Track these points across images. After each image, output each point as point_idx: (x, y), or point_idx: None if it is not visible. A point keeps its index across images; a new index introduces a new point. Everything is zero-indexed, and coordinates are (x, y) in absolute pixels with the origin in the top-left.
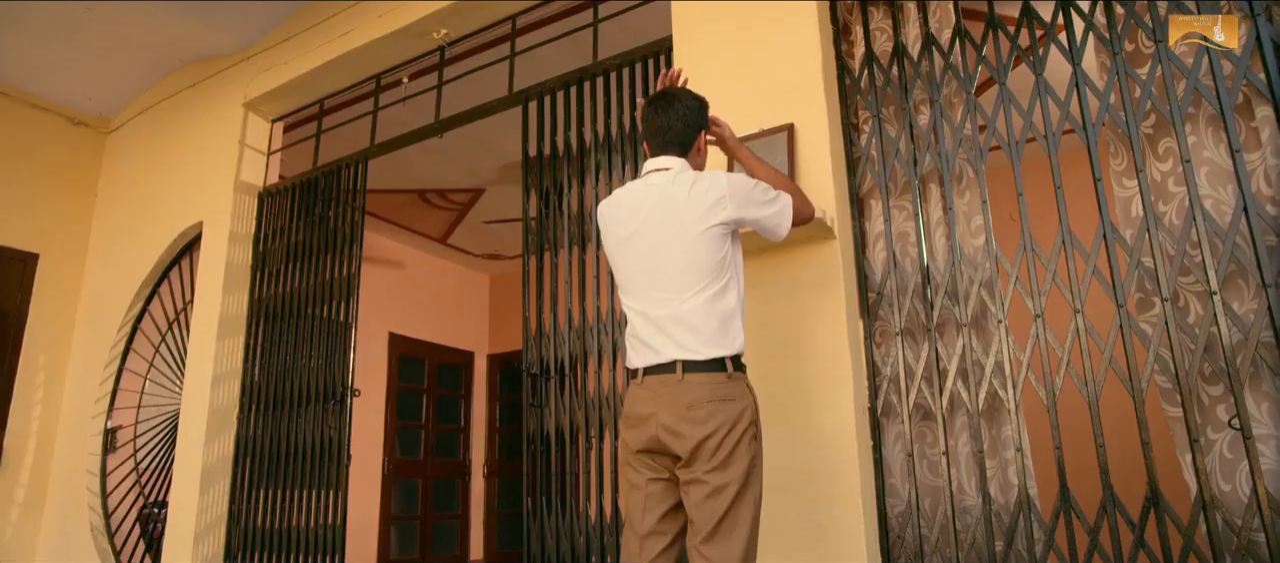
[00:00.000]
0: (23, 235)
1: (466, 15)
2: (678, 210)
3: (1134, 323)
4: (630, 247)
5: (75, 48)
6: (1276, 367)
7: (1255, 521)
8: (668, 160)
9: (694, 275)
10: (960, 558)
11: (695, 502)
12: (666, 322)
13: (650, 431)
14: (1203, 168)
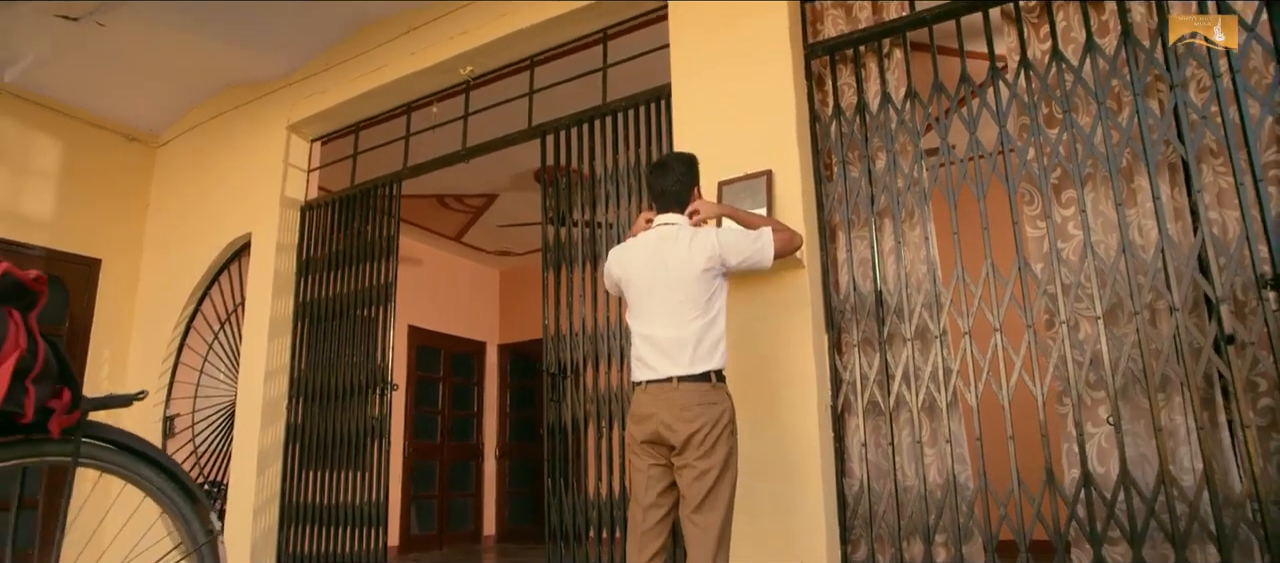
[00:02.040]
0: (87, 242)
1: (490, 55)
2: (680, 259)
3: (1038, 340)
4: (642, 285)
5: (131, 70)
6: (1141, 377)
7: (1121, 495)
8: (673, 217)
9: (690, 309)
10: (902, 528)
11: (687, 481)
12: (667, 344)
13: (652, 426)
14: (1097, 218)
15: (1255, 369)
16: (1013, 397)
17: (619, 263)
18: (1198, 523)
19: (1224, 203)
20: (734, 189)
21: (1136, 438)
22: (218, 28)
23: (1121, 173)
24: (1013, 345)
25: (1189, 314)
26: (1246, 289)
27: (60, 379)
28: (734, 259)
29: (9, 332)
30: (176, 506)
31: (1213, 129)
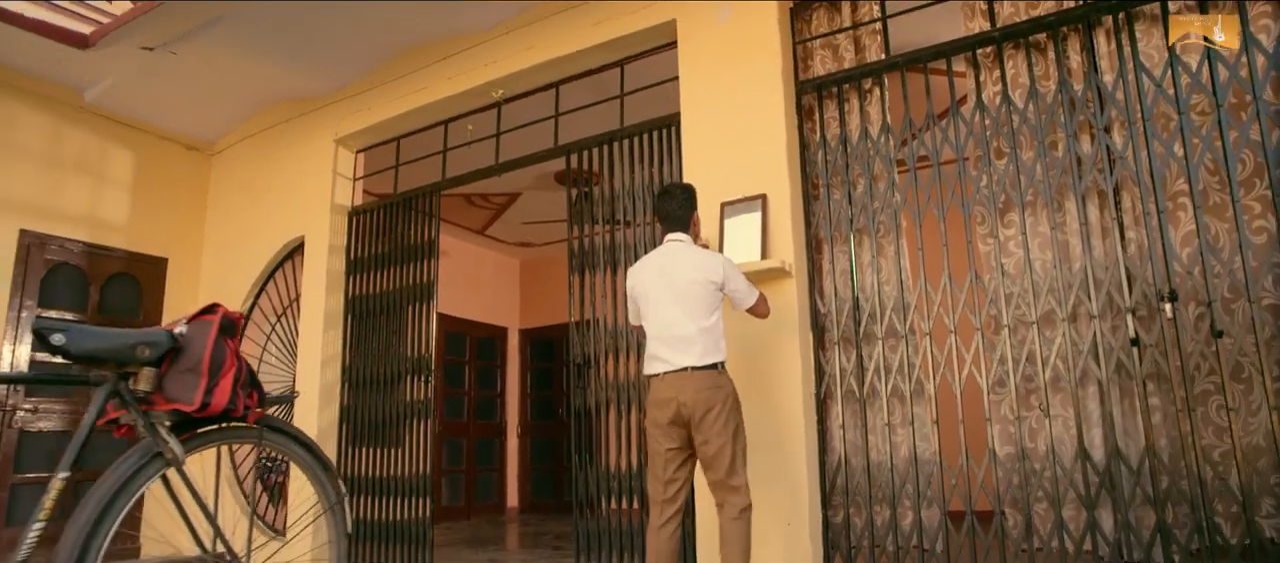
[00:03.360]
0: (155, 243)
1: (518, 81)
2: (688, 271)
3: (985, 340)
4: (652, 294)
5: (193, 88)
6: (1067, 374)
7: (1050, 470)
8: (679, 236)
9: (699, 312)
10: (873, 495)
11: (710, 454)
12: (678, 341)
13: (673, 408)
14: (1036, 237)
15: (1157, 366)
16: (964, 387)
17: (633, 280)
18: (1104, 491)
19: (1140, 224)
20: (734, 209)
21: (1064, 421)
22: (272, 50)
23: (1055, 199)
24: (965, 344)
25: (1115, 319)
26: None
27: (250, 385)
28: (729, 286)
29: (228, 356)
30: (316, 474)
31: (1127, 166)
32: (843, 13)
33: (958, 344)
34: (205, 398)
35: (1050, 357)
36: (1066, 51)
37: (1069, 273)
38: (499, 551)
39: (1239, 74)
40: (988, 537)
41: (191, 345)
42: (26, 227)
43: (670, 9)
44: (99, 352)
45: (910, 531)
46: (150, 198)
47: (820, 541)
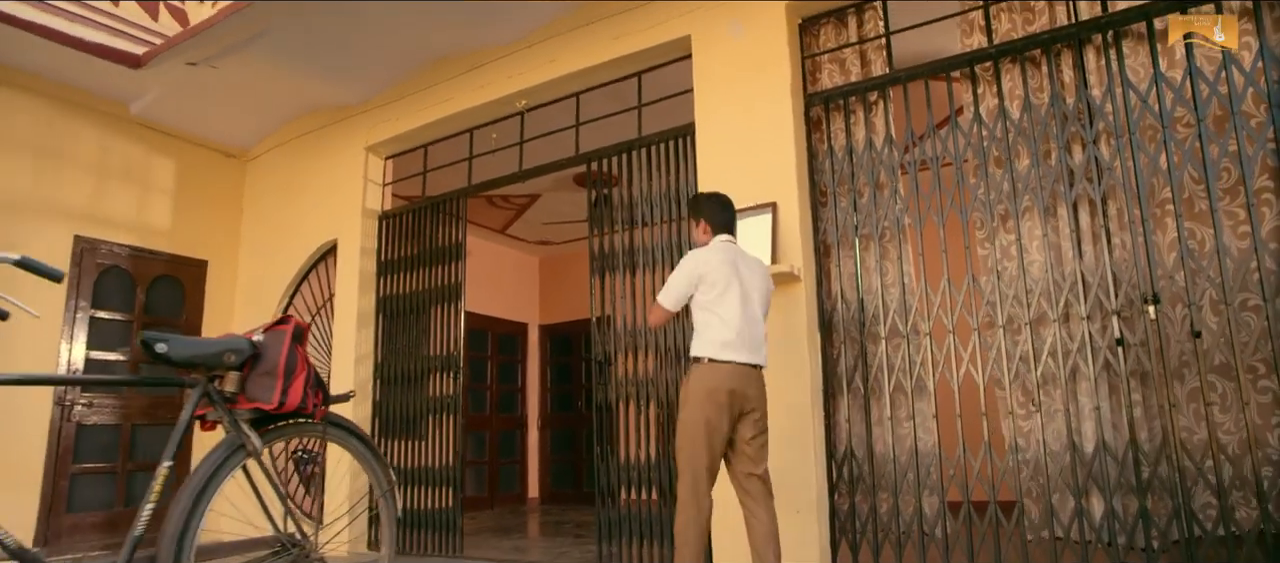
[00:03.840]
0: (195, 246)
1: (541, 92)
2: (760, 275)
3: (982, 339)
4: (721, 283)
5: (230, 99)
6: (1058, 371)
7: (1042, 461)
8: (732, 239)
9: (761, 316)
10: (877, 484)
11: (756, 447)
12: (752, 339)
13: (740, 398)
14: (1030, 243)
15: (1140, 364)
16: (962, 384)
17: (705, 264)
18: (1092, 480)
19: (1126, 230)
20: (746, 215)
21: (1056, 416)
22: (307, 63)
23: (1048, 206)
24: (963, 343)
25: (1103, 320)
26: (1138, 302)
27: (317, 385)
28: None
29: (299, 360)
30: (370, 464)
31: (1114, 176)
32: (849, 27)
33: (956, 343)
34: (281, 398)
35: (1042, 355)
36: (1059, 67)
37: (1060, 276)
38: (523, 539)
39: (1219, 90)
40: (983, 524)
41: (268, 352)
42: (80, 233)
43: (685, 24)
44: (194, 358)
45: (912, 518)
46: (190, 203)
47: (828, 526)
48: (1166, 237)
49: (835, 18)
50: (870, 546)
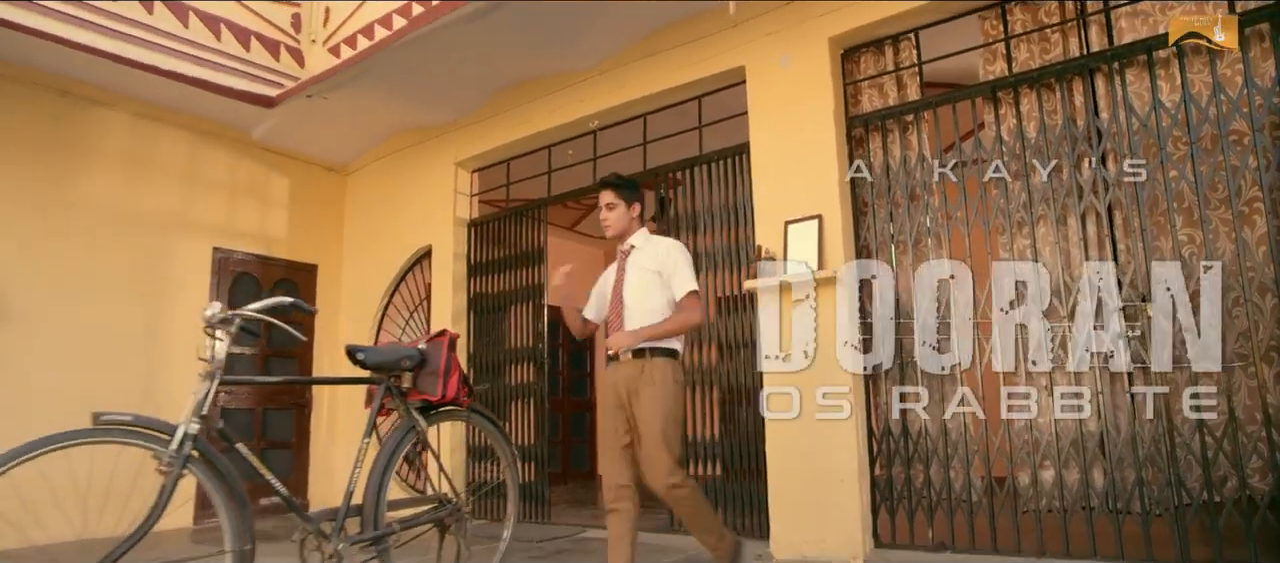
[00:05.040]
0: (307, 252)
1: (612, 114)
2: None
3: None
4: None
5: (334, 122)
6: (1068, 360)
7: (1053, 438)
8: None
9: None
10: (913, 455)
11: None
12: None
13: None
14: (1044, 248)
15: (1139, 355)
16: (985, 371)
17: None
18: (1072, 449)
19: (1128, 237)
20: (795, 226)
21: (1062, 398)
22: (403, 91)
23: (1060, 216)
24: (986, 335)
25: (1108, 316)
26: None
27: (463, 381)
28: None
29: (453, 362)
30: (500, 442)
31: (1118, 189)
32: (886, 56)
33: (980, 336)
34: (443, 391)
35: (1054, 346)
36: (1071, 92)
37: (1070, 277)
38: (598, 511)
39: (1209, 114)
40: (1003, 492)
41: (432, 357)
42: (217, 244)
43: (740, 55)
44: (381, 363)
45: (943, 487)
46: (301, 214)
47: (869, 494)
48: (1165, 242)
49: (874, 47)
50: (906, 512)
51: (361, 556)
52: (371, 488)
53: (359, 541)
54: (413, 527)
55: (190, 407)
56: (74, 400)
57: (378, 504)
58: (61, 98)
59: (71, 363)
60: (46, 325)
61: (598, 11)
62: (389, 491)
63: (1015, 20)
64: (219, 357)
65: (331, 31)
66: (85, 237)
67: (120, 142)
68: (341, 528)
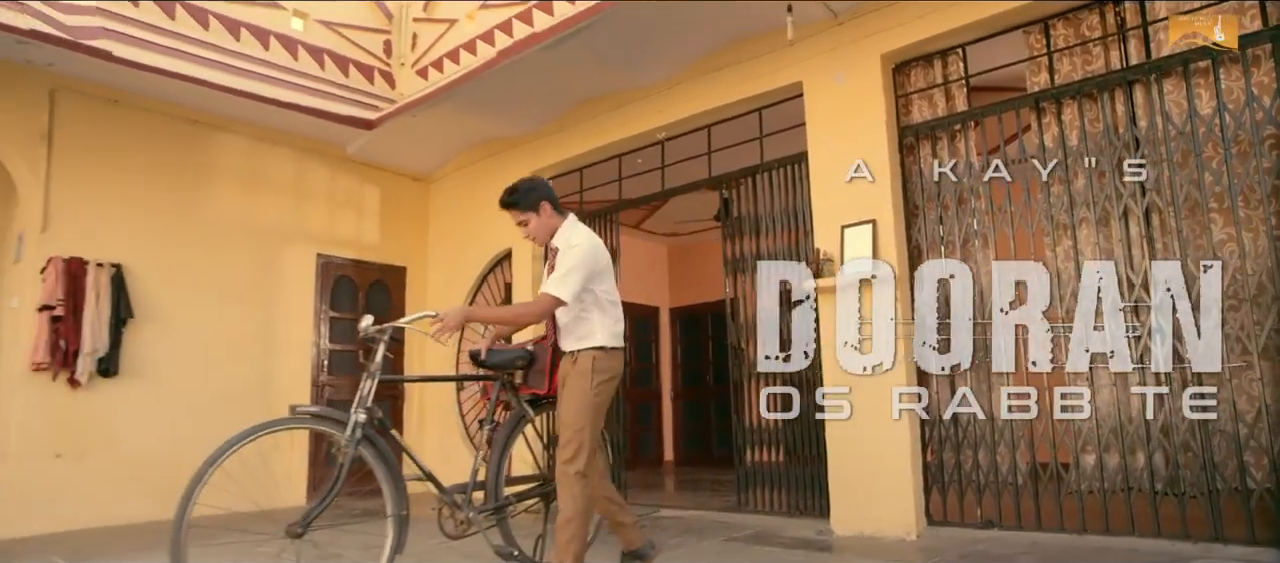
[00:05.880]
0: (397, 256)
1: (679, 126)
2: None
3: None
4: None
5: (420, 137)
6: (1107, 352)
7: (1093, 426)
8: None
9: None
10: (960, 439)
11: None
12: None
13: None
14: (1088, 248)
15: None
16: (1029, 363)
17: (602, 254)
18: (1113, 437)
19: (1164, 237)
20: (851, 230)
21: (1102, 389)
22: (484, 108)
23: (1101, 218)
24: (1029, 331)
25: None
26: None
27: (549, 375)
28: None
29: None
30: None
31: (1156, 193)
32: (935, 69)
33: (1023, 330)
34: (548, 385)
35: (1093, 340)
36: (1112, 101)
37: (1110, 276)
38: (668, 494)
39: (1242, 121)
40: (1046, 475)
41: (539, 356)
42: (320, 251)
43: (798, 72)
44: (499, 362)
45: (989, 469)
46: (391, 221)
47: (921, 475)
48: (1196, 242)
49: (923, 61)
50: (956, 492)
51: (485, 522)
52: (492, 467)
53: (484, 509)
54: (525, 499)
55: (357, 400)
56: (207, 391)
57: (497, 480)
58: (191, 126)
59: (203, 358)
60: (181, 325)
61: (665, 33)
62: (506, 467)
63: (1057, 35)
64: (377, 360)
65: (419, 55)
66: (211, 247)
67: (238, 162)
68: (469, 499)
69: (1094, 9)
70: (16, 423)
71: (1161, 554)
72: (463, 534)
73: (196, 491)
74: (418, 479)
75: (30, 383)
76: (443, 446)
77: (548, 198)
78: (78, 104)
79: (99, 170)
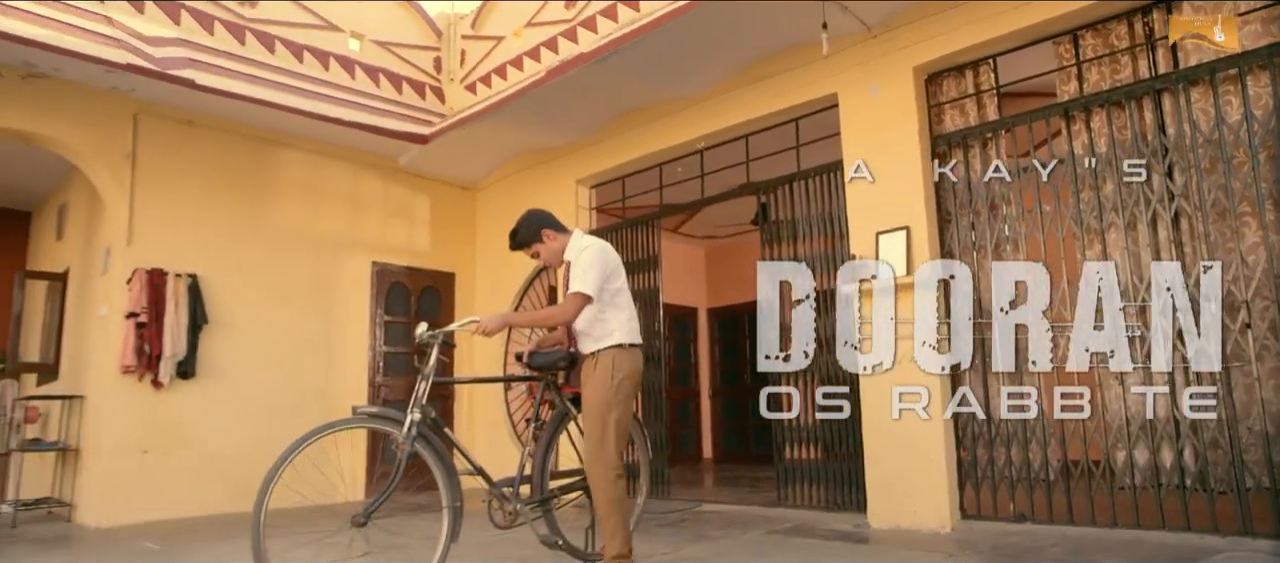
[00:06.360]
0: (446, 262)
1: (718, 135)
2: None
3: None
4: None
5: (469, 148)
6: (1137, 354)
7: (1123, 425)
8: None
9: None
10: (993, 436)
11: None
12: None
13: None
14: (1116, 251)
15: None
16: (1060, 363)
17: (612, 256)
18: (1160, 430)
19: (1193, 240)
20: (886, 237)
21: (1132, 388)
22: (531, 121)
23: (1129, 222)
24: (1059, 331)
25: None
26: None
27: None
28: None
29: None
30: (637, 429)
31: (1183, 198)
32: (966, 79)
33: (1054, 331)
34: None
35: (1123, 341)
36: (1140, 109)
37: (1138, 279)
38: (708, 490)
39: (1269, 128)
40: (1076, 473)
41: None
42: (375, 259)
43: (833, 84)
44: (543, 364)
45: (1021, 466)
46: (440, 229)
47: (955, 473)
48: (1226, 246)
49: (955, 71)
50: (990, 488)
51: (532, 514)
52: (537, 462)
53: (530, 502)
54: (568, 493)
55: (412, 400)
56: (273, 392)
57: (543, 475)
58: (256, 143)
59: (270, 360)
60: (249, 330)
61: (704, 48)
62: (550, 463)
63: (1086, 45)
64: (431, 364)
65: (468, 71)
66: (275, 256)
67: (299, 175)
68: (516, 492)
69: (1123, 20)
70: (109, 422)
71: (1190, 547)
72: (511, 525)
73: (271, 486)
74: (469, 474)
75: (120, 385)
76: (490, 442)
77: (545, 225)
78: (157, 126)
79: (176, 187)
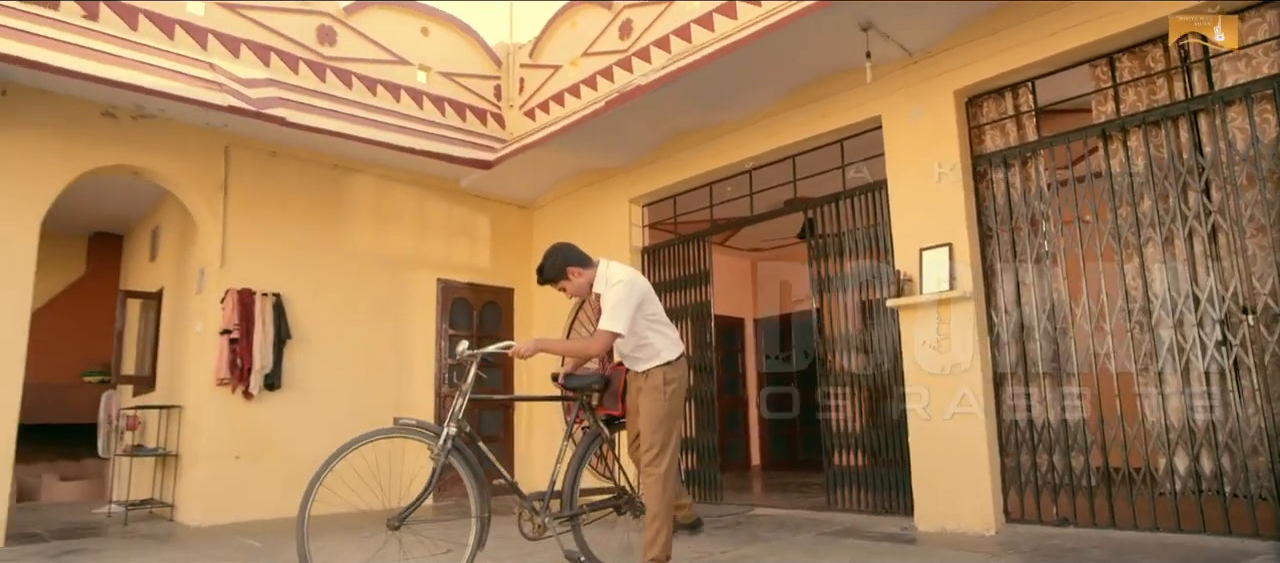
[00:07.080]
0: (505, 278)
1: (766, 156)
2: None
3: (1115, 339)
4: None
5: (527, 171)
6: (1174, 364)
7: (1162, 432)
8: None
9: None
10: (1036, 443)
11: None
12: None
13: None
14: (1154, 265)
15: (1239, 360)
16: (1099, 373)
17: (642, 285)
18: (1183, 442)
19: (1228, 257)
20: (929, 253)
21: (1171, 397)
22: (585, 142)
23: (1167, 237)
24: (1099, 343)
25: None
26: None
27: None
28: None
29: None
30: None
31: (1220, 214)
32: (1006, 101)
33: (1094, 343)
34: (622, 407)
35: (1161, 352)
36: (1176, 129)
37: (1176, 293)
38: (758, 495)
39: None
40: (1118, 478)
41: (613, 381)
42: (440, 276)
43: (877, 107)
44: (578, 385)
45: (1063, 471)
46: (499, 246)
47: (999, 478)
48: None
49: (995, 93)
50: (1033, 492)
51: (561, 528)
52: (568, 478)
53: (559, 516)
54: (598, 509)
55: (449, 414)
56: (350, 402)
57: (573, 490)
58: (332, 170)
59: (346, 373)
60: (327, 344)
61: (754, 74)
62: (580, 480)
63: (1123, 67)
64: (469, 381)
65: (526, 98)
66: (349, 275)
67: (370, 199)
68: (547, 506)
69: (1158, 43)
70: (207, 431)
71: (1230, 551)
72: (539, 537)
73: (313, 493)
74: (504, 488)
75: (215, 396)
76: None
77: (570, 261)
78: (245, 157)
79: (261, 212)
